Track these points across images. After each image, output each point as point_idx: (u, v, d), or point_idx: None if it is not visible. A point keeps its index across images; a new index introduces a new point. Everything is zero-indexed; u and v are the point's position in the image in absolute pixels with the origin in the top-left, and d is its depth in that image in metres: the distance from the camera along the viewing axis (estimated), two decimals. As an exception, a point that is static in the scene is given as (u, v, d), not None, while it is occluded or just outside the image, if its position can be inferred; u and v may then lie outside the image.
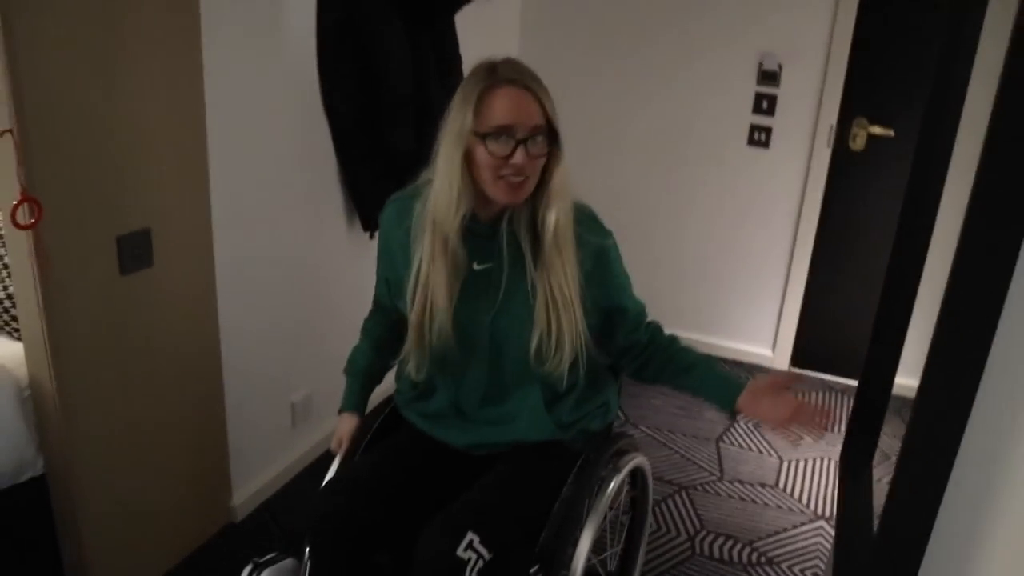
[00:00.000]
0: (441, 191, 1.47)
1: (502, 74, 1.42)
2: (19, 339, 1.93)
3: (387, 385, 1.81)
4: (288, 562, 1.57)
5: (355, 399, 1.73)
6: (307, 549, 1.49)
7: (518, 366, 1.57)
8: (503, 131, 1.40)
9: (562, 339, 1.51)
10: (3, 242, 2.01)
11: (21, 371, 1.87)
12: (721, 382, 1.60)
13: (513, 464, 1.61)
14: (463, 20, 2.86)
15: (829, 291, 3.54)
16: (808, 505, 2.70)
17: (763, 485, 2.80)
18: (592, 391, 1.70)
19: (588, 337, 1.55)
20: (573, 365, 1.55)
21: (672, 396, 3.38)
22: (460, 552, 1.36)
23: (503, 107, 1.40)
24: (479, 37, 3.16)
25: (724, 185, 3.56)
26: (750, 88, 3.38)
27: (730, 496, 2.73)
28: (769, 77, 3.33)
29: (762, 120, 3.41)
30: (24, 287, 1.72)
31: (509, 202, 1.47)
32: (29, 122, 1.57)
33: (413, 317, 1.54)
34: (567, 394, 1.64)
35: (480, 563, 1.37)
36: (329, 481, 1.62)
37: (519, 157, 1.41)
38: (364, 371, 1.74)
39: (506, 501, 1.51)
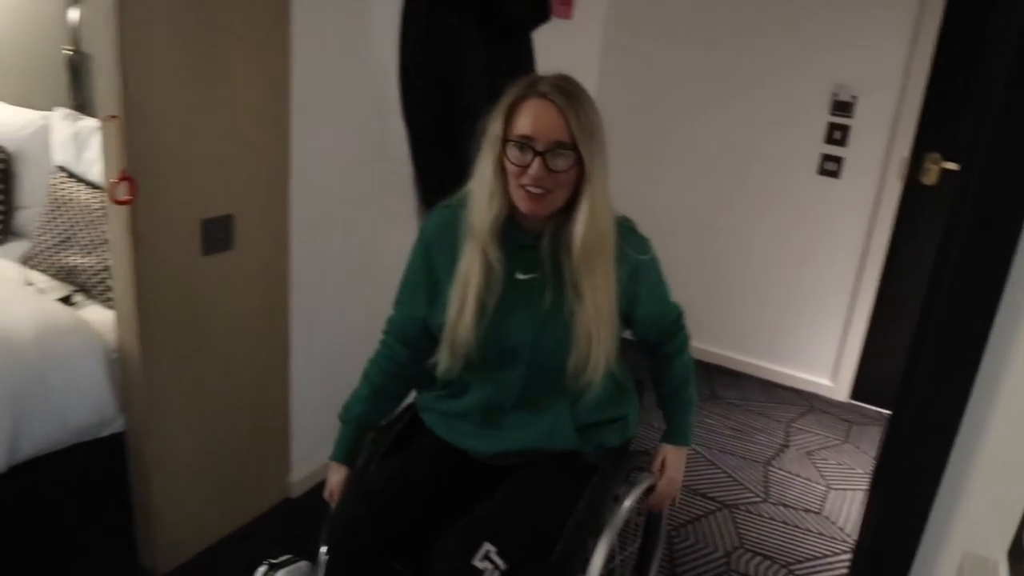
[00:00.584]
0: (476, 193, 1.53)
1: (539, 87, 1.45)
2: (111, 307, 2.13)
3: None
4: (302, 565, 1.60)
5: (345, 449, 1.71)
6: (324, 554, 1.51)
7: (553, 375, 1.58)
8: (524, 140, 1.44)
9: (597, 359, 1.53)
10: (104, 219, 2.22)
11: (111, 336, 2.06)
12: (670, 426, 1.77)
13: (531, 476, 1.61)
14: (543, 37, 2.97)
15: (893, 325, 3.51)
16: (851, 535, 2.69)
17: (807, 511, 2.81)
18: (612, 401, 1.69)
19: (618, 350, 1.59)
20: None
21: (725, 417, 3.41)
22: (476, 562, 1.37)
23: (528, 118, 1.44)
24: (558, 54, 3.27)
25: (791, 212, 3.57)
26: (823, 117, 3.40)
27: (772, 518, 2.74)
28: (843, 107, 3.34)
29: (834, 150, 3.42)
30: (120, 260, 1.90)
31: (528, 212, 1.49)
32: (132, 111, 1.75)
33: (449, 318, 1.55)
34: (585, 396, 1.63)
35: (496, 574, 1.37)
36: (348, 489, 1.65)
37: (535, 168, 1.43)
38: (357, 419, 1.71)
39: (523, 513, 1.52)
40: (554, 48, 3.20)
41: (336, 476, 1.70)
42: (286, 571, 1.57)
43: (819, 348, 3.68)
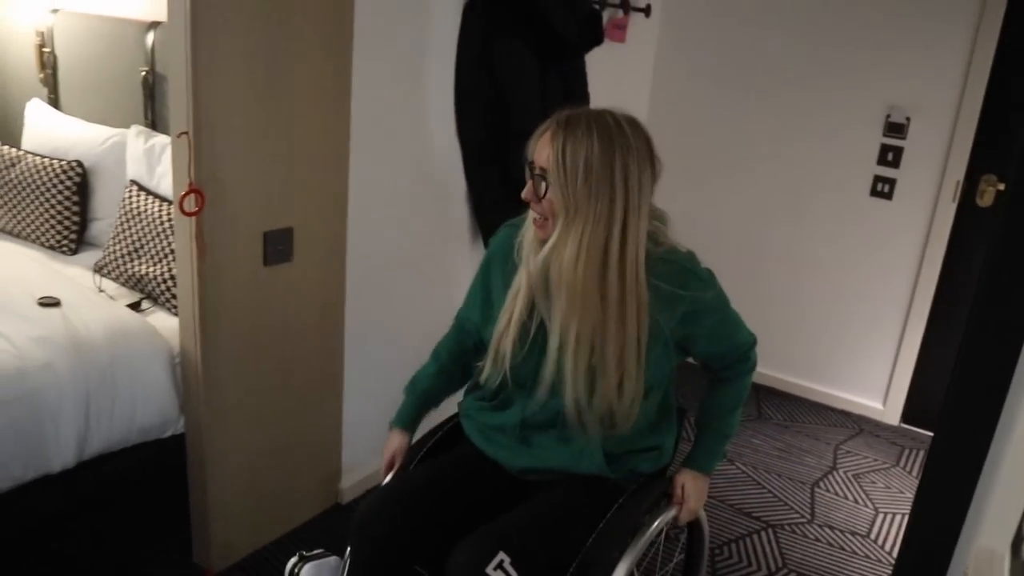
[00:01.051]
0: (528, 215, 1.58)
1: (558, 118, 1.48)
2: (176, 314, 2.24)
3: (450, 403, 1.87)
4: (332, 559, 1.65)
5: (408, 417, 1.77)
6: (348, 550, 1.55)
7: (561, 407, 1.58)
8: (528, 164, 1.51)
9: (609, 401, 1.52)
10: (172, 230, 2.34)
11: (175, 341, 2.17)
12: (697, 448, 1.73)
13: (557, 493, 1.62)
14: (596, 60, 3.03)
15: (946, 349, 3.46)
16: (899, 559, 2.66)
17: (854, 534, 2.78)
18: (649, 430, 1.67)
19: (654, 379, 1.57)
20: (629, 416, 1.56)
21: (772, 437, 3.39)
22: (489, 570, 1.38)
23: (538, 143, 1.49)
24: (611, 77, 3.33)
25: (843, 233, 3.56)
26: (875, 139, 3.38)
27: (817, 540, 2.73)
28: (896, 129, 3.32)
29: (886, 171, 3.40)
30: (184, 269, 2.01)
31: (537, 236, 1.53)
32: (202, 128, 1.86)
33: (497, 330, 1.60)
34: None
35: None
36: (378, 487, 1.68)
37: (526, 190, 1.50)
38: (424, 393, 1.78)
39: (542, 527, 1.52)
40: (607, 71, 3.27)
41: (395, 442, 1.75)
42: (315, 564, 1.63)
43: (870, 371, 3.64)
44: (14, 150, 2.88)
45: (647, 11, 3.42)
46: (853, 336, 3.64)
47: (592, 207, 1.44)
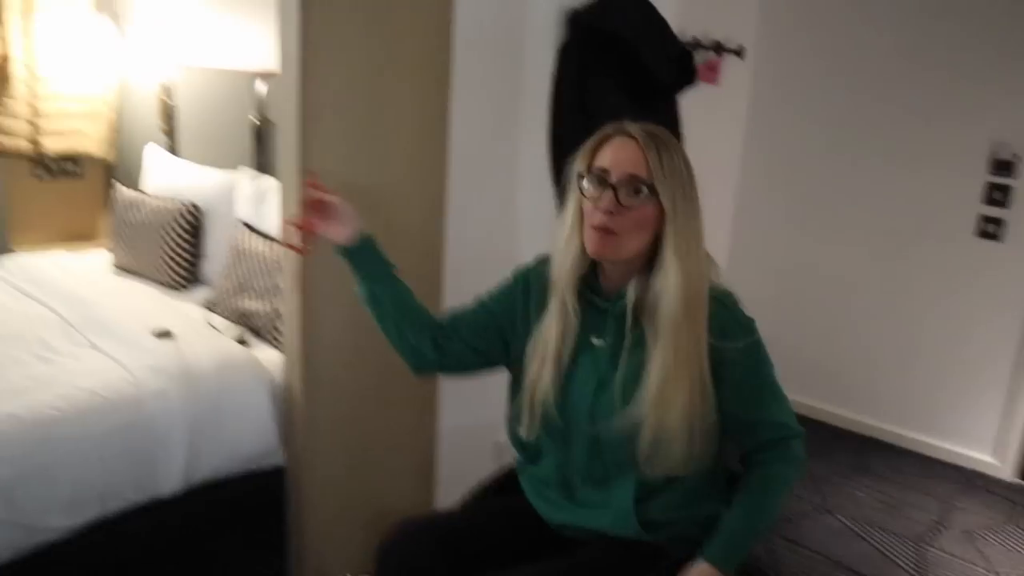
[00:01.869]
0: (556, 238, 1.50)
1: (626, 128, 1.44)
2: (279, 348, 2.32)
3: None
4: None
5: (377, 248, 1.64)
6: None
7: (617, 453, 1.48)
8: (599, 173, 1.42)
9: (670, 443, 1.41)
10: (278, 267, 2.44)
11: (277, 374, 2.25)
12: (717, 536, 1.47)
13: (593, 550, 1.52)
14: (689, 101, 3.04)
15: (1066, 400, 3.26)
16: (1017, 623, 2.49)
17: (966, 595, 2.63)
18: (698, 497, 1.52)
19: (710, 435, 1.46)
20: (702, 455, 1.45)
21: (875, 488, 3.25)
22: None
23: (607, 152, 1.43)
24: (704, 118, 3.33)
25: (946, 274, 3.42)
26: (979, 176, 3.26)
27: (926, 599, 2.59)
28: (1003, 167, 3.19)
29: (994, 211, 3.26)
30: (290, 306, 2.09)
31: (595, 253, 1.43)
32: (310, 159, 1.95)
33: (528, 376, 1.53)
34: (663, 490, 1.50)
35: None
36: (417, 515, 1.66)
37: (605, 200, 1.39)
38: (405, 287, 1.65)
39: None
40: (700, 113, 3.26)
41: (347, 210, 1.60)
42: None
43: (979, 422, 3.46)
44: (135, 193, 3.08)
45: (740, 53, 3.41)
46: (960, 384, 3.48)
47: (688, 216, 1.42)
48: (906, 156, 3.43)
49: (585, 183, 1.44)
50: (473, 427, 2.69)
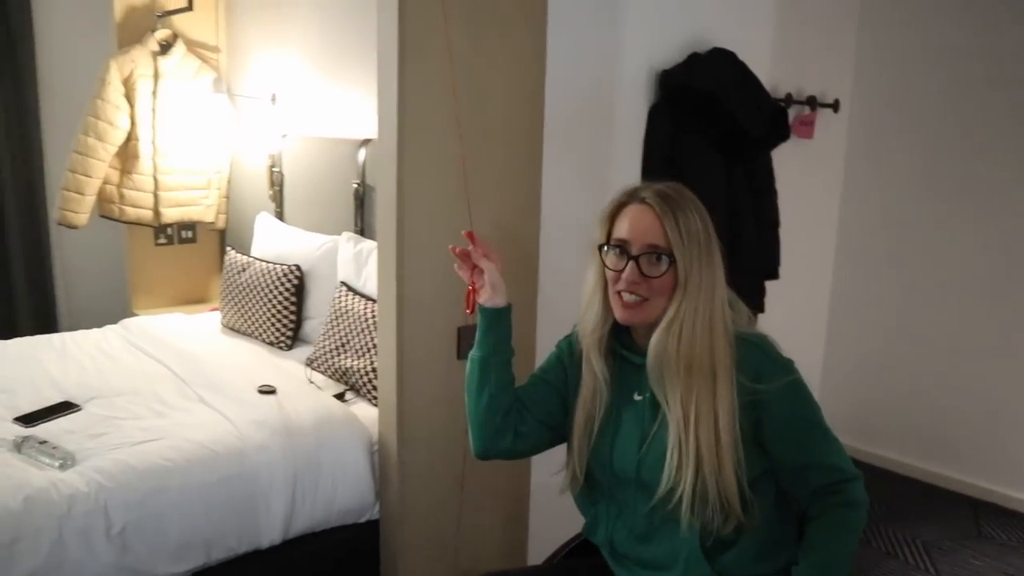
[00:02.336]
0: (582, 304, 1.54)
1: (640, 194, 1.45)
2: (376, 404, 2.38)
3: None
4: None
5: (508, 327, 1.64)
6: None
7: (668, 506, 1.44)
8: (619, 244, 1.43)
9: (705, 493, 1.38)
10: (376, 326, 2.51)
11: (374, 430, 2.30)
12: None
13: None
14: (782, 155, 3.01)
15: None
16: None
17: None
18: (774, 547, 1.47)
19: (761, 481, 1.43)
20: (740, 509, 1.40)
21: (996, 560, 3.02)
22: None
23: (625, 222, 1.44)
24: (798, 173, 3.29)
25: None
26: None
27: None
28: None
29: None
30: (385, 362, 2.15)
31: (624, 320, 1.45)
32: (405, 231, 2.03)
33: (573, 437, 1.56)
34: (736, 543, 1.45)
35: None
36: (499, 569, 1.66)
37: (627, 272, 1.41)
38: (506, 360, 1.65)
39: None
40: (795, 168, 3.23)
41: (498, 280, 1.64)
42: None
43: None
44: (244, 257, 3.25)
45: (835, 106, 3.37)
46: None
47: (704, 275, 1.40)
48: (1008, 208, 3.28)
49: (607, 256, 1.46)
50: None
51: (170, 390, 2.51)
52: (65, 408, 2.36)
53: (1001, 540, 3.19)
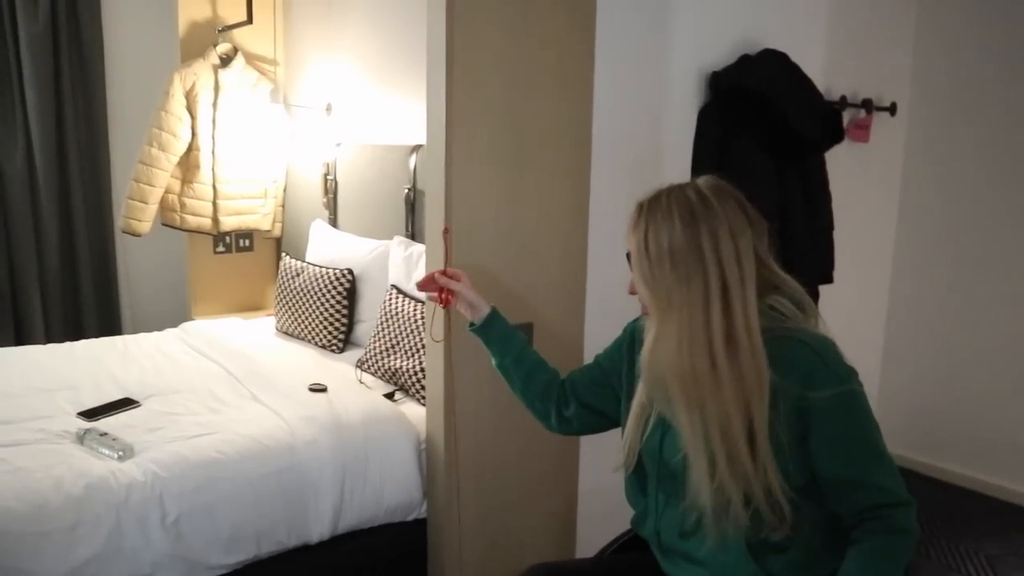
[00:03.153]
0: None
1: (641, 202, 1.44)
2: (424, 404, 2.40)
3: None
4: None
5: (503, 321, 1.80)
6: None
7: (695, 514, 1.43)
8: (627, 255, 1.48)
9: (727, 501, 1.35)
10: (425, 327, 2.54)
11: (421, 428, 2.32)
12: None
13: None
14: (837, 159, 2.96)
15: None
16: None
17: None
18: (823, 555, 1.42)
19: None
20: (779, 517, 1.35)
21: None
22: None
23: (629, 232, 1.46)
24: (854, 177, 3.23)
25: None
26: None
27: None
28: None
29: None
30: (433, 362, 2.17)
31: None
32: (457, 227, 2.05)
33: (626, 427, 1.57)
34: (786, 549, 1.41)
35: None
36: (547, 562, 1.68)
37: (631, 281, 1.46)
38: (525, 343, 1.79)
39: None
40: (850, 172, 3.18)
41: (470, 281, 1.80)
42: None
43: None
44: (299, 262, 3.31)
45: (892, 110, 3.30)
46: None
47: (686, 295, 1.34)
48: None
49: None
50: (615, 479, 2.64)
51: (225, 388, 2.57)
52: (125, 404, 2.44)
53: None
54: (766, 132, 2.66)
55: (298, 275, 3.25)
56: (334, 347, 3.09)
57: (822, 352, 1.36)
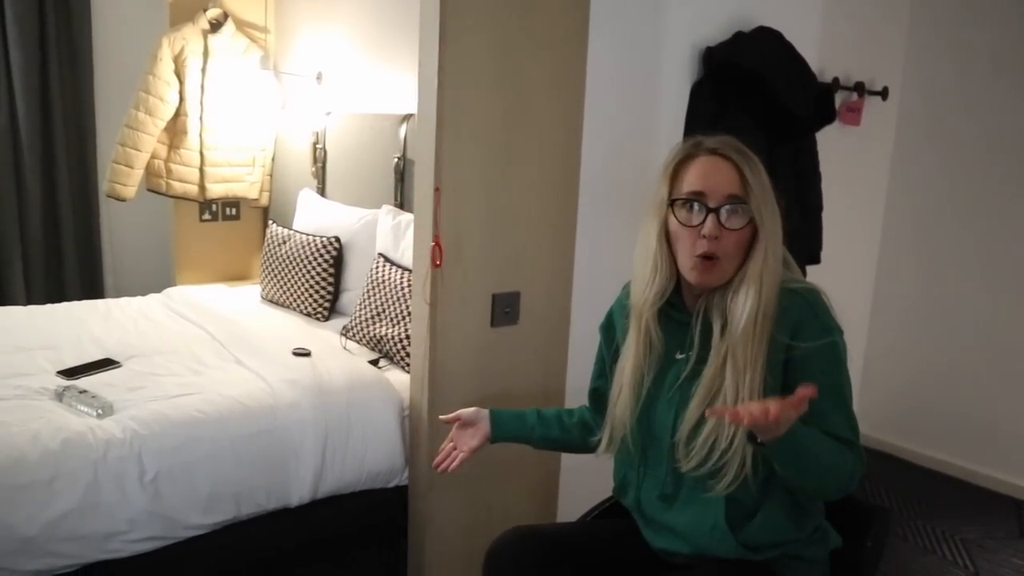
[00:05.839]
0: (637, 267, 1.46)
1: (706, 144, 1.40)
2: (408, 371, 2.39)
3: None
4: None
5: (505, 413, 1.69)
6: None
7: (708, 465, 1.40)
8: (694, 197, 1.36)
9: (717, 446, 1.35)
10: (411, 294, 2.53)
11: (405, 395, 2.31)
12: None
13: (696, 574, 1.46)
14: (827, 141, 2.96)
15: None
16: None
17: None
18: (801, 515, 1.43)
19: None
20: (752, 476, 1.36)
21: (1040, 560, 2.94)
22: None
23: (697, 174, 1.37)
24: (843, 159, 3.23)
25: None
26: None
27: None
28: None
29: None
30: (418, 328, 2.16)
31: (699, 283, 1.38)
32: (446, 193, 2.03)
33: (612, 395, 1.54)
34: (760, 509, 1.42)
35: None
36: (527, 525, 1.66)
37: (709, 227, 1.33)
38: (534, 414, 1.71)
39: None
40: (841, 154, 3.18)
41: (472, 411, 1.69)
42: None
43: None
44: (285, 230, 3.29)
45: (884, 94, 3.31)
46: None
47: (777, 231, 1.37)
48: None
49: (677, 211, 1.39)
50: (597, 460, 2.64)
51: (207, 351, 2.55)
52: (106, 364, 2.41)
53: (1046, 540, 3.10)
54: (759, 110, 2.65)
55: (284, 242, 3.23)
56: (319, 315, 3.07)
57: (814, 304, 1.37)
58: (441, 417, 1.72)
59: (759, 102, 2.64)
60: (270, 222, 3.45)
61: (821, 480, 1.33)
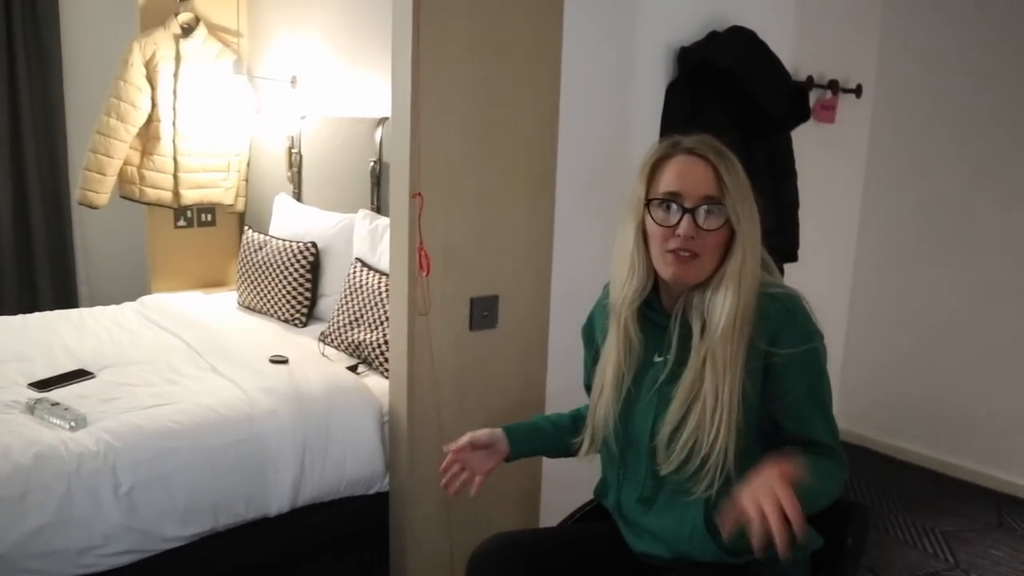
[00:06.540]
0: (615, 266, 1.47)
1: (684, 144, 1.40)
2: (387, 377, 2.37)
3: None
4: None
5: (518, 428, 1.65)
6: None
7: (678, 471, 1.41)
8: (670, 198, 1.36)
9: (697, 449, 1.35)
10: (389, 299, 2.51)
11: (385, 401, 2.29)
12: None
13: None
14: (802, 139, 2.97)
15: None
16: None
17: None
18: None
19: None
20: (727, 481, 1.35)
21: (1017, 548, 2.96)
22: None
23: (673, 174, 1.37)
24: (818, 157, 3.24)
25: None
26: None
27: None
28: None
29: None
30: (397, 333, 2.14)
31: (675, 279, 1.38)
32: (425, 191, 2.02)
33: (592, 398, 1.54)
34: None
35: None
36: (510, 531, 1.66)
37: (684, 227, 1.34)
38: (539, 419, 1.71)
39: None
40: (815, 153, 3.19)
41: (487, 433, 1.62)
42: None
43: None
44: (261, 235, 3.25)
45: (858, 92, 3.33)
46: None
47: (754, 232, 1.37)
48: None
49: (654, 211, 1.39)
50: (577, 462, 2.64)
51: (183, 360, 2.52)
52: (79, 375, 2.38)
53: (1023, 531, 3.13)
54: (734, 108, 2.65)
55: (260, 248, 3.20)
56: (297, 321, 3.04)
57: (793, 308, 1.37)
58: (450, 447, 1.62)
59: (734, 102, 2.65)
60: (246, 228, 3.41)
61: (818, 504, 1.36)
